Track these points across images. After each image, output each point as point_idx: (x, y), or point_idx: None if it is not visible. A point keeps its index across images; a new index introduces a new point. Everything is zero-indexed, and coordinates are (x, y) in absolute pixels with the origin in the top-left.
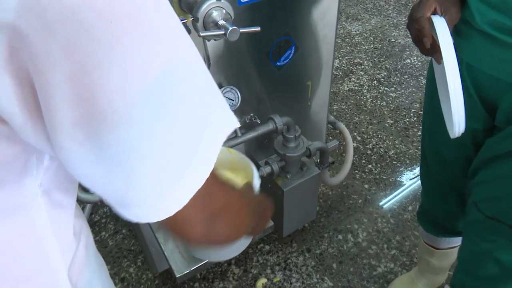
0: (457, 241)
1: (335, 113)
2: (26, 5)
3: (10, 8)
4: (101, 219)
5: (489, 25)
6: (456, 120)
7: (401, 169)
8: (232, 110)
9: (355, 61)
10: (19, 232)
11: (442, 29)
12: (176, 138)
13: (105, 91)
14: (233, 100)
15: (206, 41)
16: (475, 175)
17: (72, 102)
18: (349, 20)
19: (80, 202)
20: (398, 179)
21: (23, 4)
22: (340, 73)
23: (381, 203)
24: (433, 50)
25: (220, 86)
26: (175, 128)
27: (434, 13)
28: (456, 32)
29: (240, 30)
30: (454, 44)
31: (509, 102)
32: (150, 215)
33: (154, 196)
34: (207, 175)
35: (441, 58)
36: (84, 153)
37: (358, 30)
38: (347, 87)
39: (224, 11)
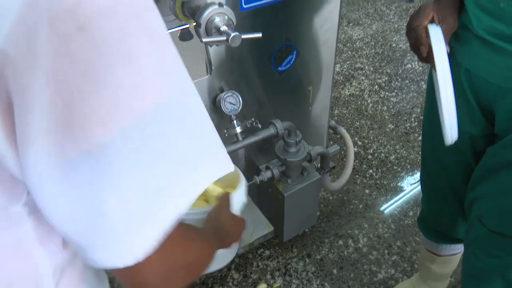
0: (458, 248)
1: (336, 118)
2: (17, 31)
3: (1, 31)
4: None
5: (485, 30)
6: (448, 127)
7: (402, 174)
8: (233, 115)
9: (356, 65)
10: (5, 251)
11: (437, 38)
12: (153, 179)
13: (86, 123)
14: (234, 105)
15: (208, 46)
16: (475, 187)
17: (50, 130)
18: (351, 25)
19: None
20: (399, 184)
21: (14, 29)
22: (341, 77)
23: (382, 208)
24: (430, 58)
25: (221, 91)
26: (153, 168)
27: (432, 22)
28: (455, 37)
29: (242, 36)
30: (448, 52)
31: (504, 108)
32: (114, 258)
33: (121, 236)
34: (178, 216)
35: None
36: (55, 185)
37: (359, 35)
38: (348, 91)
39: (226, 17)
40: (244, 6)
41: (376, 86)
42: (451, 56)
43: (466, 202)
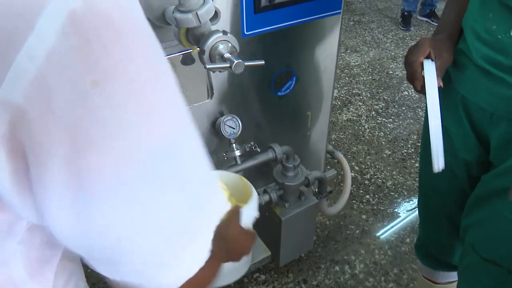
0: (455, 275)
1: (333, 143)
2: (35, 88)
3: (20, 89)
4: None
5: (483, 59)
6: (435, 157)
7: (398, 200)
8: (233, 138)
9: (354, 91)
10: None
11: (429, 74)
12: (167, 221)
13: (100, 172)
14: (234, 128)
15: (211, 72)
16: (469, 214)
17: (65, 178)
18: (348, 51)
19: None
20: (395, 210)
21: (33, 87)
22: (339, 103)
23: (378, 234)
24: (423, 91)
25: (221, 114)
26: (166, 210)
27: (428, 57)
28: (454, 64)
29: (245, 64)
30: (440, 87)
31: (498, 136)
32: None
33: (139, 275)
34: (200, 264)
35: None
36: (71, 222)
37: (357, 62)
38: (346, 117)
39: (230, 44)
40: (246, 33)
41: (373, 112)
42: (449, 82)
43: (461, 228)
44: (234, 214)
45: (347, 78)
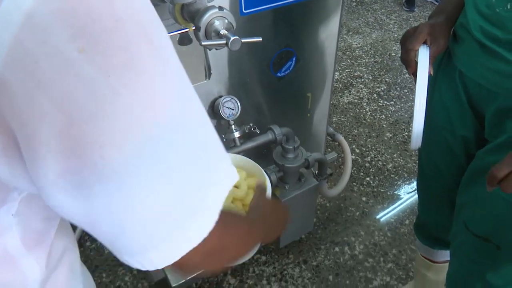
0: None
1: (334, 125)
2: (14, 56)
3: None
4: None
5: (480, 32)
6: (414, 136)
7: (399, 182)
8: (232, 120)
9: (355, 74)
10: None
11: (422, 61)
12: (173, 196)
13: (98, 144)
14: (232, 110)
15: (208, 50)
16: (464, 191)
17: (60, 154)
18: (350, 33)
19: None
20: (395, 192)
21: (11, 54)
22: (340, 85)
23: (378, 216)
24: (414, 76)
25: (220, 95)
26: (172, 184)
27: (424, 43)
28: (453, 37)
29: (242, 40)
30: (430, 75)
31: (493, 112)
32: (140, 264)
33: (142, 249)
34: (203, 236)
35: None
36: (71, 201)
37: (359, 44)
38: (347, 99)
39: (226, 21)
40: (244, 11)
41: (375, 95)
42: (449, 57)
43: (456, 206)
44: (260, 189)
45: (348, 60)
